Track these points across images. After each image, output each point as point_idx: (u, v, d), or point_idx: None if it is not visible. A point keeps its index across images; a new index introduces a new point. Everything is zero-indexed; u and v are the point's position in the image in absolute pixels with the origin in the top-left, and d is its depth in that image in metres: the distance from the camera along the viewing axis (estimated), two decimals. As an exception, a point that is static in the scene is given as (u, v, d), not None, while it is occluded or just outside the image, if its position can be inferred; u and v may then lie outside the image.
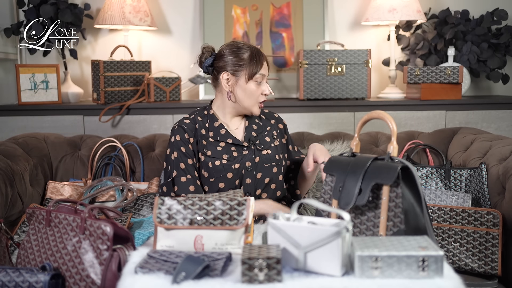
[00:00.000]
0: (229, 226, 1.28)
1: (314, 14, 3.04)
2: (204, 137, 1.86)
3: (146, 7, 2.86)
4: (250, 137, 1.88)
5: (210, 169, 1.82)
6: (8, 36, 2.75)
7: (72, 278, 1.34)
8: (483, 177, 1.98)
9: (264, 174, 1.85)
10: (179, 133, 1.86)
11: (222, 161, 1.82)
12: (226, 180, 1.82)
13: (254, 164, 1.84)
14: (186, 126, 1.87)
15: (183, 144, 1.84)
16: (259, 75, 1.84)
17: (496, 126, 2.76)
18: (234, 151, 1.85)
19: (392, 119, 1.32)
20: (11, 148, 2.13)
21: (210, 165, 1.82)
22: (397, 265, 1.10)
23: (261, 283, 1.09)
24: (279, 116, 2.03)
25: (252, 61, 1.84)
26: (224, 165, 1.82)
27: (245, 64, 1.83)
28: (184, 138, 1.85)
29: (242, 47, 1.86)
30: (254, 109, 1.88)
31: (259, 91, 1.85)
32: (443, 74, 2.71)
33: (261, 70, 1.84)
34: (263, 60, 1.86)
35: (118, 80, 2.71)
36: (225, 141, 1.85)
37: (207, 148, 1.85)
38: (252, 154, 1.86)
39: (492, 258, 1.79)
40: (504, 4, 3.02)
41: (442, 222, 1.86)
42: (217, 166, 1.82)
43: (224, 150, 1.84)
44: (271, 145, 1.91)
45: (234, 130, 1.90)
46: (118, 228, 1.33)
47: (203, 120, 1.90)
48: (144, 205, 2.06)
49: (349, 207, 1.27)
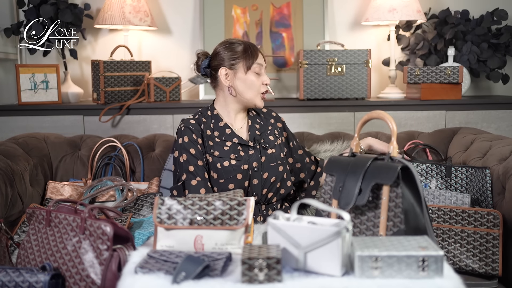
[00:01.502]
0: (229, 226, 1.28)
1: (314, 14, 3.04)
2: (210, 137, 1.85)
3: (146, 7, 2.86)
4: (255, 136, 1.88)
5: (220, 170, 1.81)
6: (8, 36, 2.75)
7: (72, 278, 1.34)
8: (487, 182, 1.97)
9: (270, 174, 1.85)
10: (187, 134, 1.84)
11: (231, 161, 1.81)
12: (236, 181, 1.81)
13: (260, 164, 1.84)
14: (193, 127, 1.85)
15: (192, 145, 1.82)
16: (256, 65, 1.85)
17: (496, 126, 2.76)
18: (241, 151, 1.84)
19: (392, 119, 1.32)
20: (11, 148, 2.13)
21: (219, 166, 1.81)
22: (397, 265, 1.10)
23: (261, 283, 1.09)
24: (277, 114, 2.04)
25: (246, 53, 1.85)
26: (233, 166, 1.81)
27: (240, 56, 1.85)
28: (193, 139, 1.83)
29: (235, 42, 1.89)
30: (257, 101, 1.88)
31: (259, 81, 1.86)
32: (443, 74, 2.71)
33: (257, 60, 1.86)
34: (257, 51, 1.88)
35: (118, 80, 2.71)
36: (231, 140, 1.85)
37: (214, 148, 1.83)
38: (258, 154, 1.86)
39: (493, 259, 1.78)
40: (504, 4, 3.02)
41: (442, 223, 1.86)
42: (227, 167, 1.81)
43: (231, 150, 1.84)
44: (275, 143, 1.91)
45: (239, 130, 1.90)
46: (118, 228, 1.33)
47: (207, 120, 1.89)
48: (144, 205, 2.06)
49: (349, 207, 1.27)
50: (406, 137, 2.40)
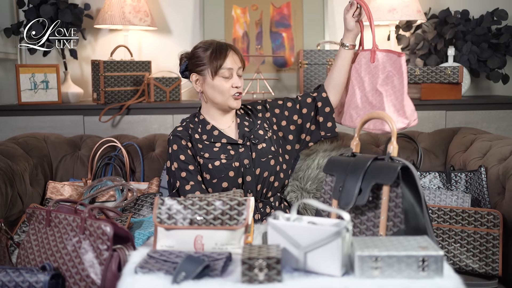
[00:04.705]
0: (229, 226, 1.28)
1: (314, 14, 3.04)
2: (199, 141, 1.87)
3: (146, 7, 2.86)
4: (244, 133, 1.89)
5: (211, 170, 1.83)
6: (8, 36, 2.75)
7: (72, 278, 1.34)
8: (483, 180, 1.98)
9: (262, 169, 1.86)
10: (175, 142, 1.86)
11: (222, 160, 1.83)
12: (228, 179, 1.82)
13: (251, 161, 1.85)
14: (180, 133, 1.87)
15: (181, 152, 1.84)
16: (224, 70, 1.82)
17: (496, 126, 2.75)
18: (231, 150, 1.85)
19: (392, 119, 1.32)
20: (11, 148, 2.13)
21: (210, 167, 1.83)
22: (397, 265, 1.10)
23: (261, 283, 1.09)
24: (261, 103, 2.01)
25: (211, 57, 1.82)
26: (224, 165, 1.82)
27: (206, 61, 1.83)
28: (182, 145, 1.85)
29: (202, 46, 1.86)
30: (230, 103, 1.86)
31: (227, 85, 1.83)
32: (443, 74, 2.70)
33: (225, 64, 1.82)
34: (226, 53, 1.82)
35: (118, 80, 2.71)
36: (220, 141, 1.86)
37: (203, 150, 1.85)
38: (248, 151, 1.86)
39: (493, 259, 1.78)
40: (504, 4, 3.02)
41: (442, 223, 1.85)
42: (218, 167, 1.82)
43: (221, 150, 1.85)
44: (265, 137, 1.91)
45: (227, 129, 1.91)
46: (118, 228, 1.33)
47: (194, 126, 1.91)
48: (144, 205, 2.06)
49: (349, 207, 1.27)
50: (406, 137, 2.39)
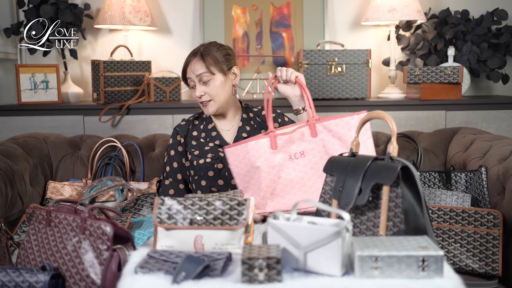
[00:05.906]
0: (229, 226, 1.28)
1: (314, 14, 3.04)
2: (195, 138, 1.94)
3: (146, 7, 2.86)
4: (239, 138, 1.91)
5: (195, 167, 1.90)
6: (8, 36, 2.75)
7: (72, 278, 1.34)
8: (483, 180, 1.98)
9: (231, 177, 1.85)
10: (173, 136, 1.97)
11: (206, 159, 1.88)
12: (207, 178, 1.88)
13: (226, 167, 1.85)
14: (179, 128, 1.97)
15: (174, 147, 1.95)
16: (188, 80, 1.90)
17: (496, 126, 2.76)
18: (220, 152, 1.90)
19: (392, 119, 1.32)
20: (11, 148, 2.13)
21: (195, 164, 1.90)
22: (397, 265, 1.09)
23: (261, 283, 1.09)
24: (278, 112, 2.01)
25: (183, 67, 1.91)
26: (206, 164, 1.88)
27: None
28: (176, 140, 1.96)
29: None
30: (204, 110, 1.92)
31: (194, 94, 1.90)
32: (443, 74, 2.70)
33: (187, 75, 1.89)
34: (187, 63, 1.89)
35: (118, 80, 2.71)
36: (213, 142, 1.91)
37: (195, 148, 1.92)
38: None
39: (493, 259, 1.78)
40: (504, 4, 3.02)
41: (442, 223, 1.86)
42: (200, 165, 1.88)
43: (210, 150, 1.90)
44: None
45: (226, 131, 1.95)
46: (118, 228, 1.33)
47: (199, 122, 1.98)
48: (144, 205, 2.06)
49: (349, 207, 1.27)
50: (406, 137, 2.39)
